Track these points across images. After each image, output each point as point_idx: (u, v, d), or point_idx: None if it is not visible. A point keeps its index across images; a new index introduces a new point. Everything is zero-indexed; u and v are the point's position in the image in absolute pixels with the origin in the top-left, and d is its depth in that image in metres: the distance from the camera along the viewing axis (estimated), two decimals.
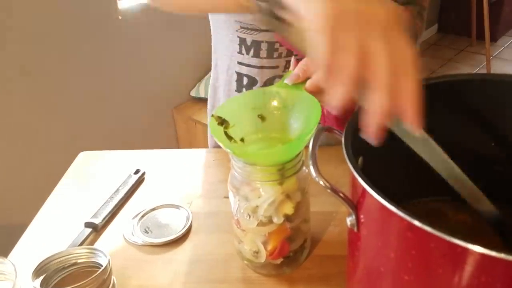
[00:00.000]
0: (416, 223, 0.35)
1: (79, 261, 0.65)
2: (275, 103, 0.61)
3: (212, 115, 0.60)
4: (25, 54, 1.54)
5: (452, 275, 0.35)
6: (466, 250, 0.33)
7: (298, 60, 0.65)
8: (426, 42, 3.57)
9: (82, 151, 0.94)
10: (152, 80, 1.98)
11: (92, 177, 0.86)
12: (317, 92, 0.59)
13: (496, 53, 3.35)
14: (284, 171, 0.56)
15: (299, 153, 0.57)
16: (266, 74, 0.84)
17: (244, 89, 0.88)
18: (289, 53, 0.80)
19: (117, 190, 0.79)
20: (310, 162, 0.45)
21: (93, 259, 0.64)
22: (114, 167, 0.89)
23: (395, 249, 0.39)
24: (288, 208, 0.57)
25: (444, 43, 3.56)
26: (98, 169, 0.89)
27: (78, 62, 1.68)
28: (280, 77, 0.82)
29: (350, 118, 0.48)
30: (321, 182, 0.43)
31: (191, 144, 2.12)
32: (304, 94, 0.58)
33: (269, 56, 0.81)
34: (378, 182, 0.39)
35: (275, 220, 0.58)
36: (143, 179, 0.84)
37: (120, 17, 1.75)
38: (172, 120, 2.14)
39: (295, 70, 0.61)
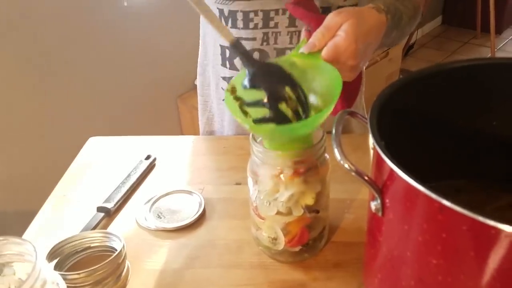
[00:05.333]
0: (449, 204, 0.34)
1: (92, 245, 0.64)
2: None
3: (226, 89, 0.58)
4: (31, 43, 1.52)
5: (484, 258, 0.35)
6: (501, 231, 0.33)
7: (308, 32, 0.65)
8: (430, 34, 3.55)
9: (86, 139, 0.93)
10: (157, 69, 1.96)
11: (102, 162, 0.86)
12: (333, 61, 0.59)
13: (501, 45, 3.33)
14: (305, 158, 0.55)
15: (321, 139, 0.56)
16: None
17: (227, 62, 0.87)
18: (265, 25, 0.79)
19: (129, 175, 0.79)
20: (334, 145, 0.44)
21: (107, 243, 0.64)
22: (124, 152, 0.88)
23: (424, 232, 0.38)
24: (309, 199, 0.57)
25: (448, 35, 3.54)
26: (108, 154, 0.88)
27: (82, 49, 1.66)
28: (259, 50, 0.82)
29: (373, 104, 0.48)
30: (346, 165, 0.43)
31: (195, 133, 2.11)
32: (323, 64, 0.58)
33: (246, 26, 0.80)
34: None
35: (295, 213, 0.57)
36: (154, 165, 0.84)
37: (125, 3, 1.73)
38: (177, 109, 2.13)
39: (311, 39, 0.60)
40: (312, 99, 0.57)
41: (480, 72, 0.55)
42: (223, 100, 0.91)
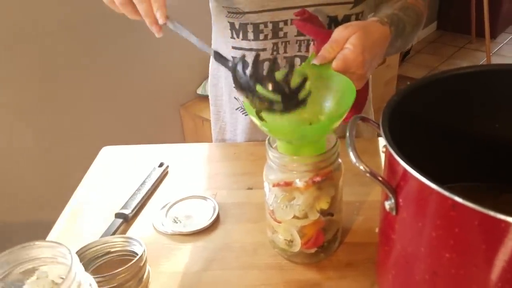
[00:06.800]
0: (461, 201, 0.37)
1: (113, 249, 0.67)
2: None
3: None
4: (40, 57, 1.55)
5: (495, 250, 0.37)
6: (510, 224, 0.35)
7: (315, 45, 0.69)
8: (425, 40, 3.60)
9: (93, 148, 0.96)
10: (160, 78, 1.99)
11: (116, 171, 0.88)
12: (343, 72, 0.63)
13: (496, 50, 3.38)
14: (320, 162, 0.57)
15: (335, 144, 0.59)
16: None
17: None
18: (275, 35, 0.83)
19: (144, 183, 0.81)
20: (349, 149, 0.47)
21: (127, 248, 0.66)
22: (137, 160, 0.90)
23: (437, 228, 0.41)
24: (324, 203, 0.59)
25: (444, 41, 3.59)
26: (122, 163, 0.91)
27: (86, 60, 1.69)
28: (269, 60, 0.85)
29: (384, 108, 0.50)
30: (361, 167, 0.45)
31: (198, 141, 2.14)
32: (335, 74, 0.61)
33: (256, 38, 0.84)
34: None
35: (310, 216, 0.60)
36: (167, 172, 0.86)
37: None
38: (179, 118, 2.16)
39: (321, 52, 0.64)
40: (327, 105, 0.60)
41: (482, 78, 0.58)
42: (236, 109, 0.94)
